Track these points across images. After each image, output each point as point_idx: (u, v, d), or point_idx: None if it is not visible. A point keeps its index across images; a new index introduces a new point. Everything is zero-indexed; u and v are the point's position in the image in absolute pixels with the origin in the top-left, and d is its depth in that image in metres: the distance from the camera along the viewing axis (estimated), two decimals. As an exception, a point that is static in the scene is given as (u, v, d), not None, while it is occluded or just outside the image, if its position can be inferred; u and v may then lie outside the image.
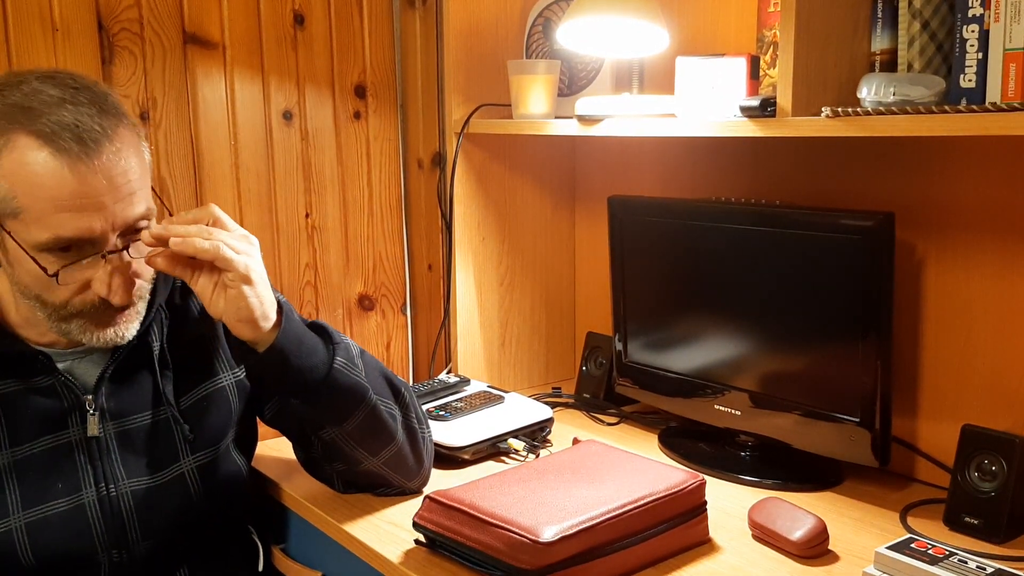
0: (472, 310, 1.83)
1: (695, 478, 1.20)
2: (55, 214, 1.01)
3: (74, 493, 1.13)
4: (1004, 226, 1.26)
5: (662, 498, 1.15)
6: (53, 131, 1.00)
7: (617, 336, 1.66)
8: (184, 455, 1.20)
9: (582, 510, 1.10)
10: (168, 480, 1.19)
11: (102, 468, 1.15)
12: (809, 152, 1.48)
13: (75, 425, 1.14)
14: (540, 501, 1.13)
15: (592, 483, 1.18)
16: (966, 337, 1.32)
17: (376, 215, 1.90)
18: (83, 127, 1.01)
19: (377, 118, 1.87)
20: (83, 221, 1.02)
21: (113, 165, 1.03)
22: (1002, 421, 1.28)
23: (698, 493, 1.19)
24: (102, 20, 1.52)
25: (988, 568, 1.02)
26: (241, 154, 1.70)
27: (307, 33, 1.75)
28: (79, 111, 1.02)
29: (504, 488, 1.17)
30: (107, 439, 1.16)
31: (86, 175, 1.01)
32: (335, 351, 1.17)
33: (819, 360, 1.34)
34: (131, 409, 1.18)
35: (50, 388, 1.14)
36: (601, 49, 1.57)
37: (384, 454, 1.25)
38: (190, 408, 1.22)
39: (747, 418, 1.45)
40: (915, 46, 1.18)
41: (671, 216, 1.53)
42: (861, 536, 1.21)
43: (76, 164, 1.00)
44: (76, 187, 1.00)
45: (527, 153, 1.86)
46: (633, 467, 1.24)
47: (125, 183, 1.04)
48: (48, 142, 1.00)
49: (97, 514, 1.14)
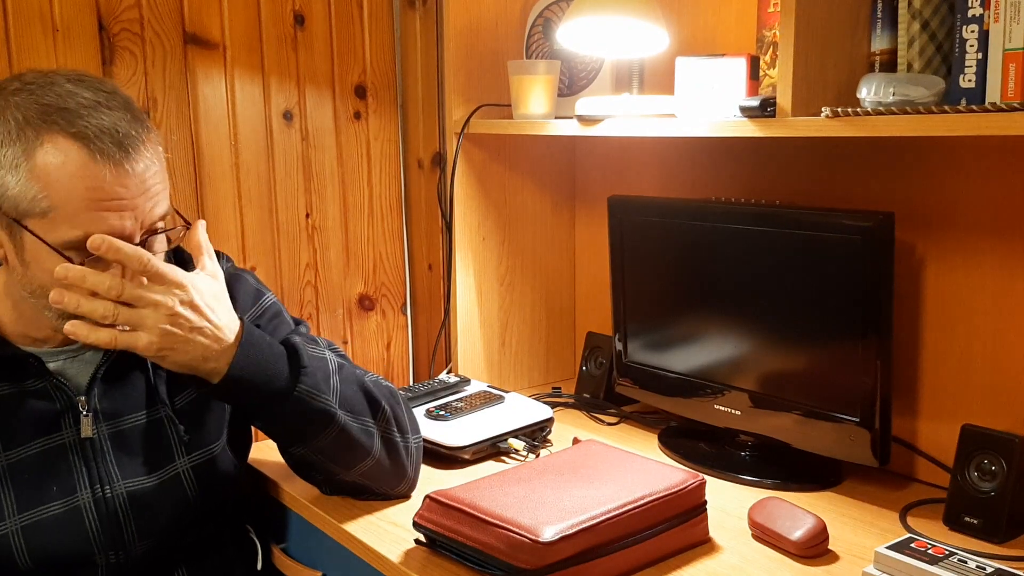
0: (472, 310, 1.83)
1: (695, 478, 1.20)
2: (89, 213, 1.02)
3: (69, 495, 1.13)
4: (1004, 226, 1.26)
5: (662, 498, 1.15)
6: (95, 135, 1.02)
7: (617, 336, 1.67)
8: (179, 455, 1.20)
9: (582, 510, 1.10)
10: (163, 481, 1.19)
11: (96, 470, 1.15)
12: (809, 152, 1.48)
13: (68, 427, 1.14)
14: (540, 501, 1.13)
15: (592, 483, 1.18)
16: (966, 337, 1.32)
17: (376, 215, 1.90)
18: (122, 132, 1.04)
19: (377, 118, 1.87)
20: (117, 220, 1.04)
21: (147, 168, 1.06)
22: (1002, 421, 1.28)
23: (698, 493, 1.19)
24: (102, 20, 1.52)
25: (988, 568, 1.02)
26: (241, 154, 1.70)
27: (307, 33, 1.75)
28: (115, 116, 1.05)
29: (504, 488, 1.17)
30: (101, 440, 1.15)
31: (125, 178, 1.04)
32: (300, 376, 1.15)
33: (819, 360, 1.34)
34: (124, 409, 1.18)
35: (42, 391, 1.14)
36: (601, 49, 1.57)
37: (359, 468, 1.25)
38: (185, 408, 1.22)
39: (747, 418, 1.45)
40: (915, 46, 1.18)
41: (671, 216, 1.53)
42: (861, 536, 1.22)
43: (117, 168, 1.03)
44: (115, 189, 1.03)
45: (527, 153, 1.86)
46: (633, 467, 1.24)
47: (154, 185, 1.08)
48: (89, 144, 1.02)
49: (93, 516, 1.14)
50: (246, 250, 1.73)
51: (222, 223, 1.69)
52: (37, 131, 1.01)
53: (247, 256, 1.74)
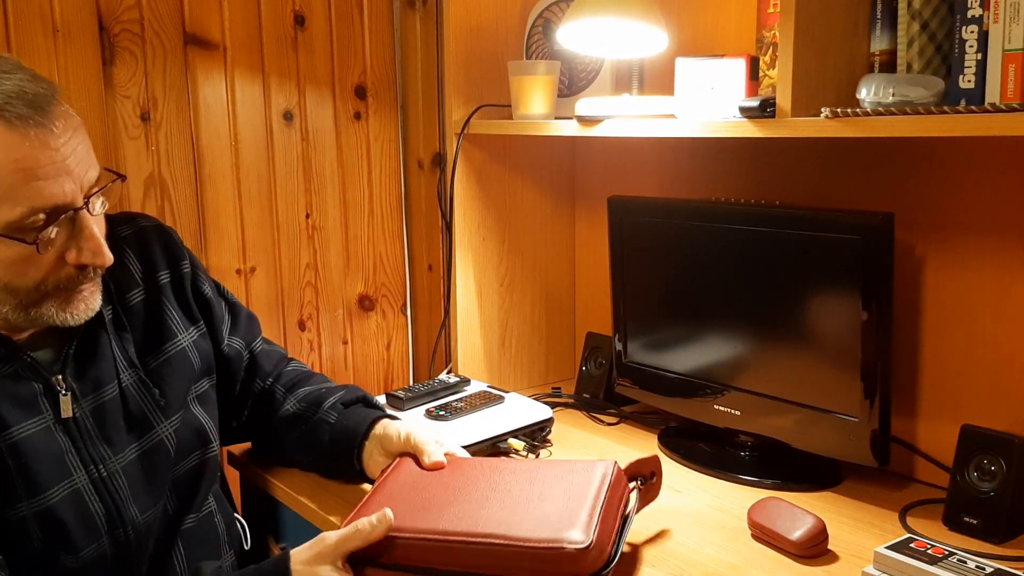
0: (472, 310, 1.84)
1: (582, 542, 0.98)
2: (27, 185, 0.97)
3: (67, 479, 1.09)
4: (1004, 226, 1.26)
5: (514, 547, 0.99)
6: (4, 102, 0.96)
7: (617, 336, 1.67)
8: (158, 421, 1.17)
9: (441, 521, 1.03)
10: (150, 448, 1.16)
11: (86, 450, 1.11)
12: (809, 152, 1.48)
13: (47, 409, 1.09)
14: (435, 499, 1.08)
15: (488, 500, 1.08)
16: (966, 337, 1.32)
17: (376, 215, 1.90)
18: (29, 92, 0.97)
19: (377, 119, 1.87)
20: (56, 187, 0.99)
21: (66, 126, 1.00)
22: (1001, 421, 1.28)
23: (574, 563, 0.97)
24: (103, 21, 1.52)
25: (987, 568, 1.02)
26: (242, 154, 1.70)
27: (307, 34, 1.75)
28: (15, 79, 0.98)
29: (446, 498, 1.09)
30: (83, 418, 1.11)
31: (47, 139, 0.98)
32: None
33: (819, 360, 1.34)
34: (99, 382, 1.14)
35: (13, 374, 1.08)
36: (601, 50, 1.57)
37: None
38: (155, 370, 1.19)
39: (747, 418, 1.45)
40: (914, 47, 1.18)
41: (671, 216, 1.53)
42: (860, 536, 1.22)
43: (37, 130, 0.97)
44: (42, 152, 0.97)
45: (527, 153, 1.87)
46: (553, 497, 1.07)
47: (80, 142, 1.02)
48: (2, 114, 0.95)
49: (94, 498, 1.10)
50: (246, 250, 1.74)
51: (222, 223, 1.69)
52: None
53: (247, 256, 1.74)
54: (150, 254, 1.25)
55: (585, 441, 1.59)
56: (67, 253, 1.04)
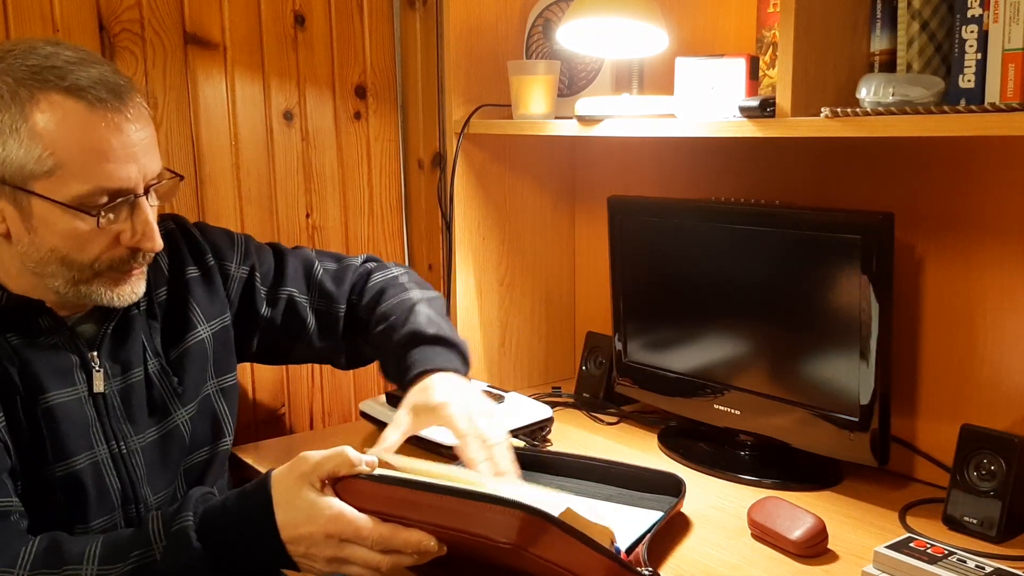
0: (472, 310, 1.84)
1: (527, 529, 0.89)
2: (99, 165, 1.04)
3: (88, 450, 1.14)
4: (1004, 226, 1.26)
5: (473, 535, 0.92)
6: (89, 86, 1.03)
7: (617, 336, 1.67)
8: (175, 407, 1.23)
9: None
10: (165, 434, 1.22)
11: (110, 425, 1.16)
12: (809, 152, 1.48)
13: (82, 382, 1.15)
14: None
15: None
16: (966, 337, 1.32)
17: (376, 215, 1.90)
18: (111, 81, 1.05)
19: (377, 118, 1.87)
20: (124, 171, 1.06)
21: (139, 116, 1.08)
22: (1001, 421, 1.28)
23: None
24: (103, 21, 1.52)
25: (987, 567, 1.02)
26: (242, 154, 1.70)
27: (307, 33, 1.75)
28: (101, 68, 1.06)
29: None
30: (112, 395, 1.17)
31: (122, 125, 1.05)
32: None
33: (819, 360, 1.34)
34: (128, 365, 1.20)
35: (55, 345, 1.14)
36: (601, 49, 1.57)
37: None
38: (176, 360, 1.25)
39: (746, 418, 1.45)
40: (914, 46, 1.18)
41: (671, 216, 1.53)
42: (860, 535, 1.22)
43: (116, 115, 1.05)
44: (116, 137, 1.05)
45: (527, 153, 1.87)
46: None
47: (149, 135, 1.10)
48: (85, 95, 1.03)
49: (112, 472, 1.16)
50: (246, 250, 1.74)
51: (222, 223, 1.69)
52: (31, 91, 1.02)
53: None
54: (178, 252, 1.31)
55: (585, 441, 1.59)
56: (122, 235, 1.10)
